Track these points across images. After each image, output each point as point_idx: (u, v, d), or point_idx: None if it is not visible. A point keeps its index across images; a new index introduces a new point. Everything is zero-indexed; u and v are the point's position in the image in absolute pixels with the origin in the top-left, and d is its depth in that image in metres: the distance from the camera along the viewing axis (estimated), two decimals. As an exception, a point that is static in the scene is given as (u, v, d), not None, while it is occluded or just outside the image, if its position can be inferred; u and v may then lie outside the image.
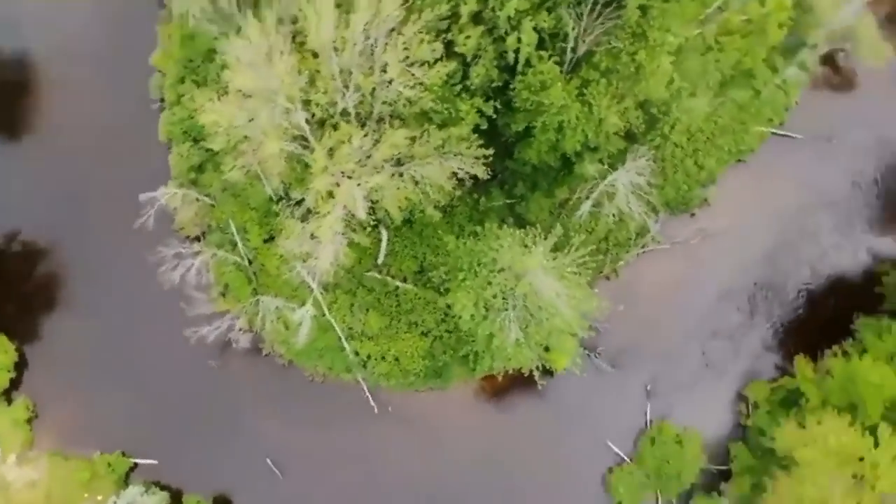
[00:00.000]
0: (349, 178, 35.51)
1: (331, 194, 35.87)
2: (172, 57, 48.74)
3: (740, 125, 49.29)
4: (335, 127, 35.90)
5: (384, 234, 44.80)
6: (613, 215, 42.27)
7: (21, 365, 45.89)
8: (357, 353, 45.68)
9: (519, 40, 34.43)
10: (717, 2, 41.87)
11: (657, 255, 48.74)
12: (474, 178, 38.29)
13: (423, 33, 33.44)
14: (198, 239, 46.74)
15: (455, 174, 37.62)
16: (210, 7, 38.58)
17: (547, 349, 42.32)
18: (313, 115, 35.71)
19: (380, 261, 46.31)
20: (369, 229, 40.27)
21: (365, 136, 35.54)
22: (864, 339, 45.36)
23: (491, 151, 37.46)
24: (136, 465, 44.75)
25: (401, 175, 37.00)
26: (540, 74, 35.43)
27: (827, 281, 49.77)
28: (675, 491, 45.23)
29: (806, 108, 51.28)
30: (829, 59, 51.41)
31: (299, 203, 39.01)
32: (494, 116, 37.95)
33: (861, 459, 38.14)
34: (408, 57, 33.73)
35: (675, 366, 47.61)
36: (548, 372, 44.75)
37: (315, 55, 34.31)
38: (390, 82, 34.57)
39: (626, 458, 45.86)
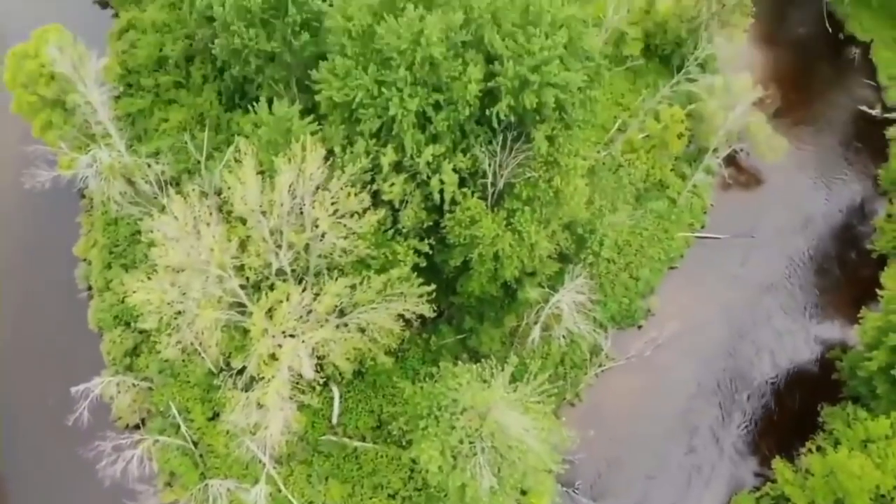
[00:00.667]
0: (291, 336, 34.56)
1: (273, 357, 34.65)
2: (97, 244, 48.82)
3: (664, 233, 51.28)
4: (272, 287, 35.46)
5: (336, 391, 43.06)
6: (564, 337, 42.11)
7: None
8: (321, 529, 42.11)
9: (441, 182, 35.71)
10: (615, 125, 45.11)
11: (616, 373, 48.07)
12: (421, 317, 37.90)
13: (349, 186, 34.32)
14: (137, 427, 44.00)
15: (401, 315, 37.19)
16: (131, 190, 39.16)
17: (524, 493, 40.26)
18: (248, 279, 35.34)
19: (334, 421, 44.10)
20: (319, 388, 38.60)
21: (303, 291, 35.13)
22: (834, 430, 44.68)
23: (433, 287, 37.44)
24: None
25: (346, 325, 36.31)
26: (467, 210, 36.51)
27: (788, 374, 49.61)
28: None
29: (722, 209, 53.74)
30: (732, 160, 54.60)
31: (241, 372, 37.45)
32: (431, 253, 38.37)
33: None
34: (337, 210, 34.33)
35: (659, 485, 45.36)
36: (529, 518, 41.88)
37: (244, 221, 34.57)
38: (323, 236, 34.87)
39: None
